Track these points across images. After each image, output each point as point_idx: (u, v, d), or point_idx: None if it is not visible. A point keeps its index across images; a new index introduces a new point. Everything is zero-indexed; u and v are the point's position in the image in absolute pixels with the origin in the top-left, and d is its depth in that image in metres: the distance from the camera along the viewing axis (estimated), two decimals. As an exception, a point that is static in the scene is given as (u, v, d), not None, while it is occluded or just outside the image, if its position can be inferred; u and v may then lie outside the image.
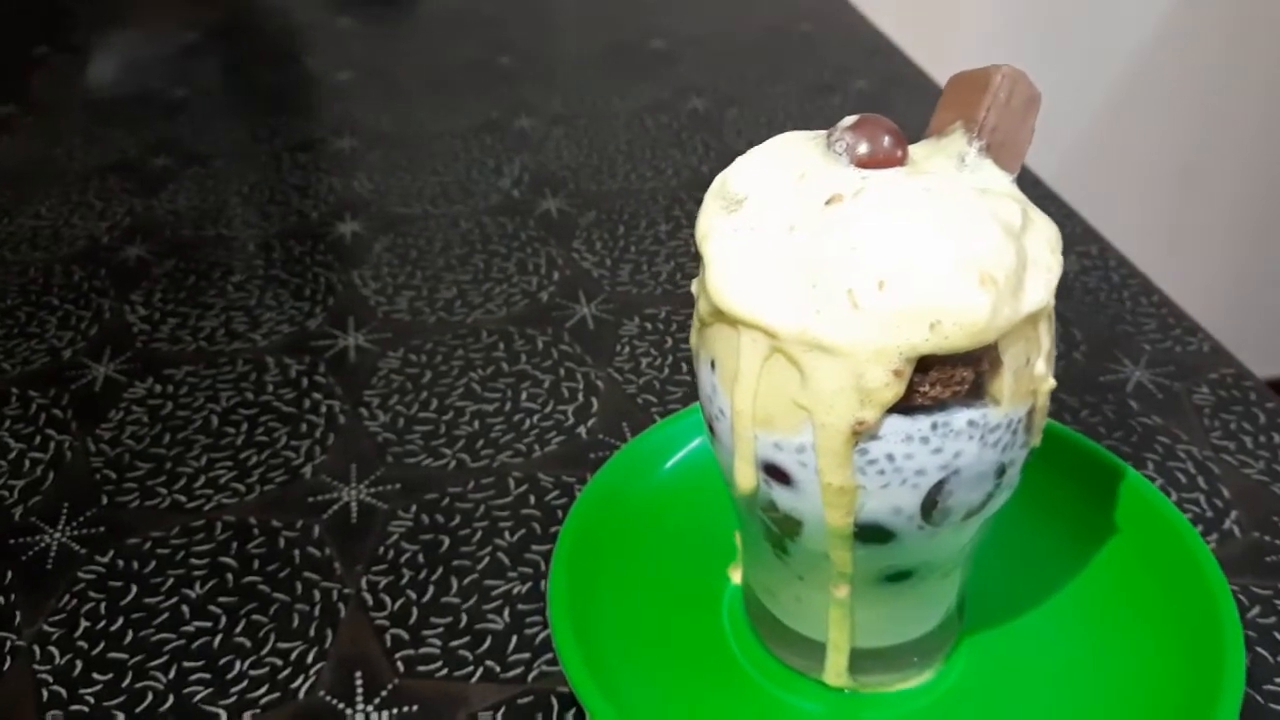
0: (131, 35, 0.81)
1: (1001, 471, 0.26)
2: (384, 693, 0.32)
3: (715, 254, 0.26)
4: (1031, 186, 0.56)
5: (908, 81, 0.68)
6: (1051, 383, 0.26)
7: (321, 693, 0.32)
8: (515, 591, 0.35)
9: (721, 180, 0.27)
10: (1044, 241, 0.26)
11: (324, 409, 0.43)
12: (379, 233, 0.54)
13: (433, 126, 0.65)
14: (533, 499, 0.39)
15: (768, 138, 0.28)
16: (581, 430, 0.42)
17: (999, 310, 0.24)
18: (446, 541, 0.37)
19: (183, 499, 0.39)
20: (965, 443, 0.25)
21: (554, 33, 0.77)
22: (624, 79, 0.70)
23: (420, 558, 0.36)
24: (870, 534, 0.27)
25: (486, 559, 0.36)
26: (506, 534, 0.37)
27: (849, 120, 0.26)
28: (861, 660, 0.31)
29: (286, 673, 0.33)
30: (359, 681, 0.32)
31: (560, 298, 0.49)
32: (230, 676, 0.33)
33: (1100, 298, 0.48)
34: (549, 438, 0.41)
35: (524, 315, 0.48)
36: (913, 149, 0.27)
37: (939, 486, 0.26)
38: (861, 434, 0.25)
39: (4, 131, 0.66)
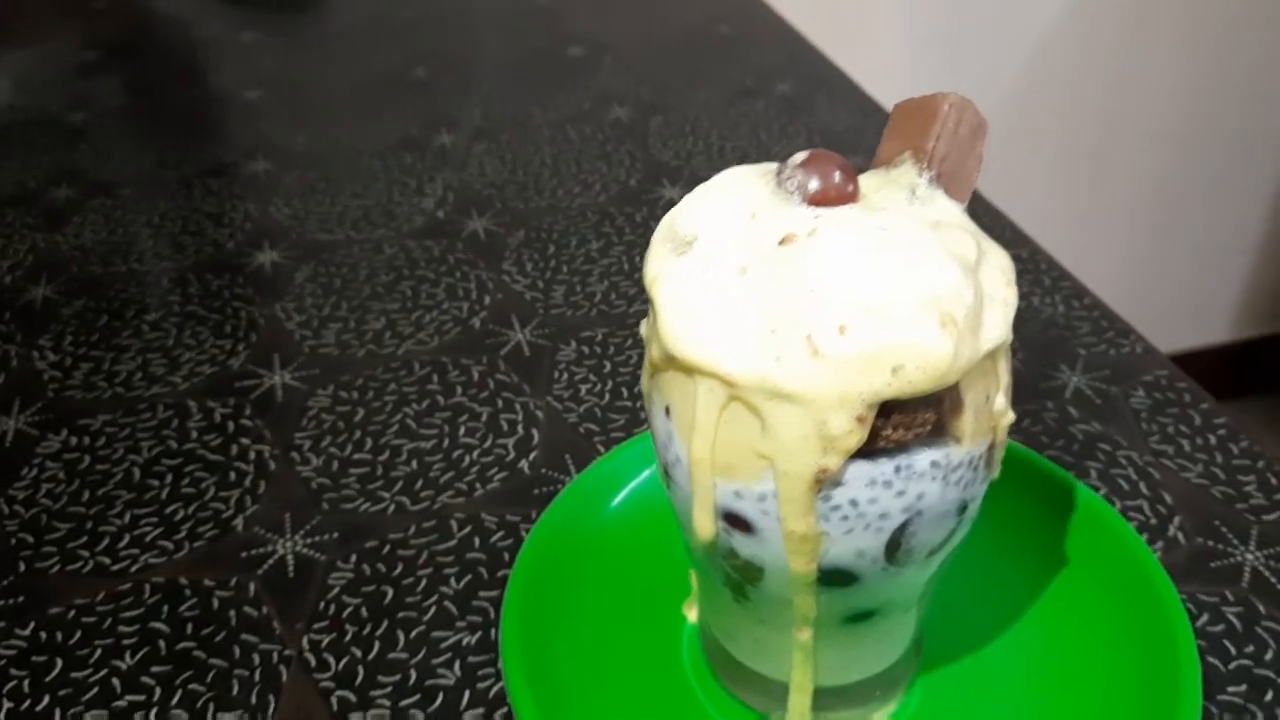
0: (22, 55, 0.77)
1: (963, 508, 0.26)
2: (334, 761, 0.31)
3: (667, 299, 0.25)
4: (958, 189, 0.56)
5: (830, 83, 0.68)
6: (1011, 416, 0.26)
7: (268, 765, 0.31)
8: (465, 643, 0.34)
9: (669, 221, 0.26)
10: (999, 274, 0.25)
11: (253, 455, 0.41)
12: (300, 262, 0.53)
13: (350, 144, 0.63)
14: (477, 541, 0.37)
15: (693, 147, 0.28)
16: (524, 465, 0.40)
17: (960, 351, 0.23)
18: (390, 592, 0.36)
19: (107, 561, 0.37)
20: (928, 484, 0.25)
21: (470, 41, 0.76)
22: (544, 88, 0.68)
23: (363, 611, 0.35)
24: (833, 578, 0.26)
25: (433, 609, 0.35)
26: (452, 580, 0.36)
27: (799, 157, 0.25)
28: (824, 698, 0.30)
29: (229, 746, 0.31)
30: (307, 750, 0.31)
31: (493, 324, 0.48)
32: (169, 754, 0.31)
33: (1034, 302, 0.48)
34: (490, 474, 0.40)
35: (456, 344, 0.47)
36: (863, 180, 0.27)
37: (903, 528, 0.25)
38: (824, 481, 0.24)
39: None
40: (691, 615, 0.34)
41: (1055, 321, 0.47)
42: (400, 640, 0.34)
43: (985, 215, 0.54)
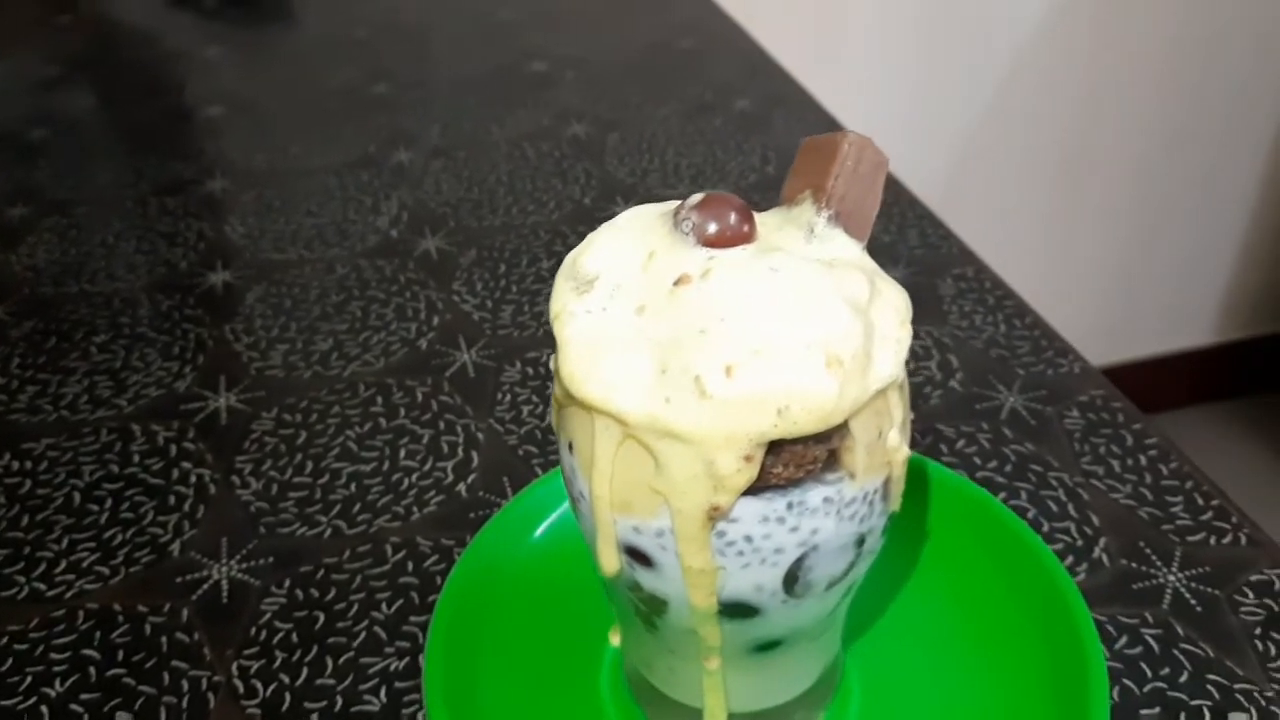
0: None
1: (861, 541, 0.26)
2: (256, 789, 0.31)
3: (566, 337, 0.26)
4: (909, 206, 0.57)
5: (789, 100, 0.69)
6: (906, 452, 0.26)
7: (190, 793, 0.31)
8: (393, 668, 0.34)
9: (572, 260, 0.27)
10: (893, 313, 0.26)
11: (194, 478, 0.42)
12: (252, 282, 0.53)
13: (307, 162, 0.63)
14: (410, 566, 0.38)
15: (649, 164, 0.28)
16: (461, 488, 0.41)
17: (846, 391, 0.24)
18: (322, 618, 0.36)
19: (42, 587, 0.37)
20: (822, 519, 0.25)
21: (431, 57, 0.76)
22: (504, 105, 0.69)
23: (294, 637, 0.35)
24: (735, 610, 0.26)
25: (363, 634, 0.35)
26: (384, 605, 0.36)
27: (695, 198, 0.26)
28: (739, 724, 0.31)
29: (153, 774, 0.32)
30: (230, 778, 0.31)
31: (440, 344, 0.48)
32: (92, 782, 0.31)
33: (976, 321, 0.49)
34: (428, 498, 0.40)
35: (402, 365, 0.47)
36: (764, 219, 0.27)
37: (799, 562, 0.26)
38: (717, 518, 0.24)
39: None
40: (616, 640, 0.34)
41: (996, 341, 0.48)
42: (329, 666, 0.34)
43: (934, 234, 0.55)
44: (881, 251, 0.54)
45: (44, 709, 0.33)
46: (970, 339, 0.48)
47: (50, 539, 0.39)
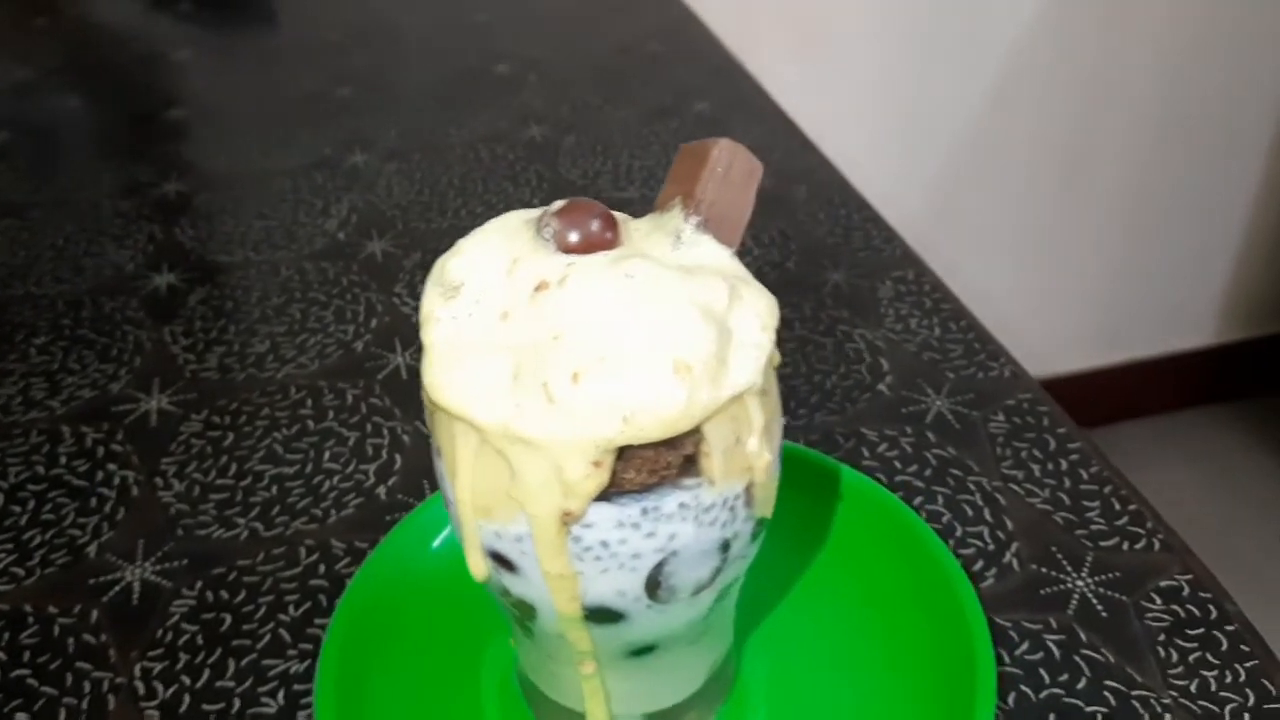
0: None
1: (726, 547, 0.26)
2: (146, 789, 0.31)
3: (430, 342, 0.26)
4: (856, 209, 0.57)
5: (749, 103, 0.69)
6: (767, 458, 0.26)
7: (80, 793, 0.31)
8: (293, 670, 0.35)
9: (440, 265, 0.27)
10: (754, 319, 0.26)
11: (117, 480, 0.42)
12: (196, 284, 0.53)
13: (264, 165, 0.64)
14: (322, 568, 0.38)
15: (601, 166, 0.28)
16: (381, 491, 0.41)
17: (695, 398, 0.24)
18: (229, 619, 0.36)
19: (-43, 588, 0.38)
20: (679, 524, 0.25)
21: (399, 60, 0.76)
22: (466, 108, 0.69)
23: (199, 639, 0.36)
24: (600, 615, 0.26)
25: (268, 637, 0.36)
26: (291, 608, 0.37)
27: (557, 205, 0.26)
28: (624, 728, 0.31)
29: (46, 774, 0.32)
30: (121, 778, 0.32)
31: (375, 347, 0.49)
32: (-14, 782, 0.32)
33: (911, 324, 0.49)
34: (346, 500, 0.41)
35: (336, 368, 0.47)
36: (635, 225, 0.27)
37: (659, 568, 0.26)
38: (569, 523, 0.24)
39: None
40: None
41: (930, 344, 0.48)
42: (230, 668, 0.35)
43: (879, 237, 0.55)
44: (825, 253, 0.54)
45: (-54, 709, 0.34)
46: (904, 342, 0.48)
47: (-30, 540, 0.39)
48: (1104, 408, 1.50)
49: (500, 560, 0.26)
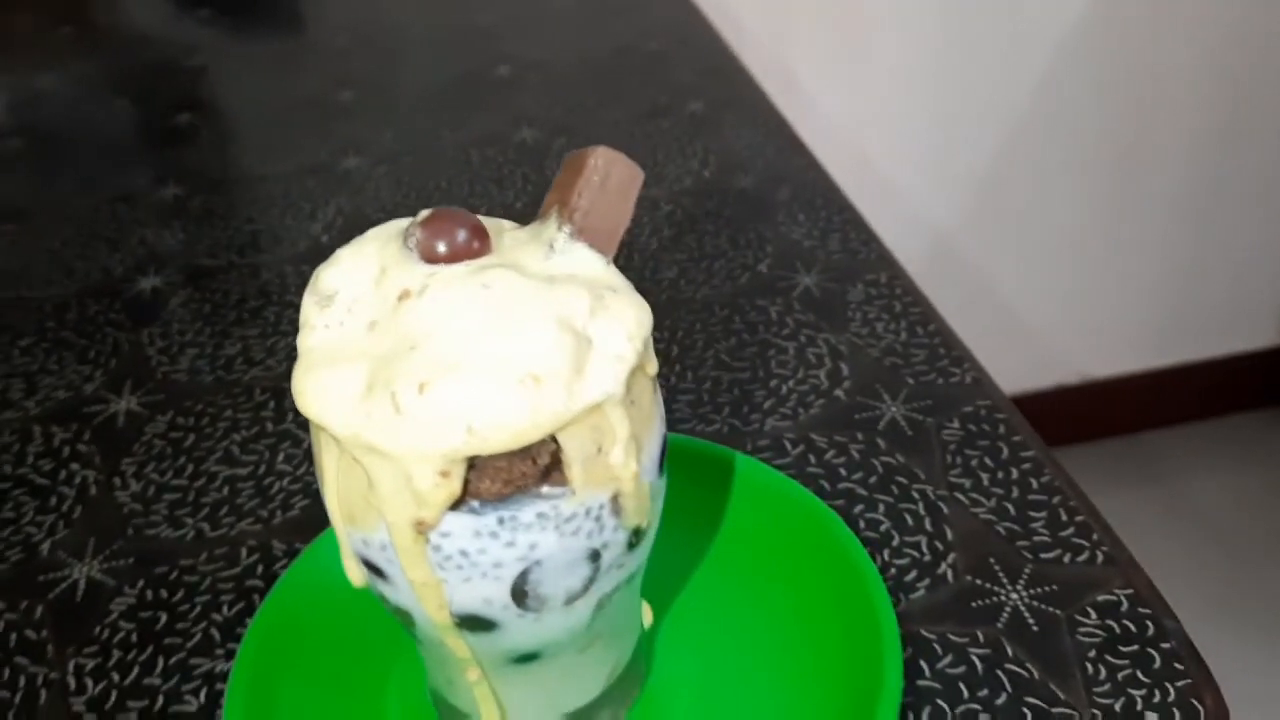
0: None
1: (596, 557, 0.26)
2: (61, 783, 0.32)
3: (301, 350, 0.26)
4: (837, 211, 0.56)
5: (743, 103, 0.68)
6: (633, 469, 0.26)
7: (0, 786, 0.32)
8: (218, 670, 0.35)
9: (316, 274, 0.27)
10: (620, 330, 0.25)
11: (78, 480, 0.43)
12: (179, 287, 0.54)
13: (260, 169, 0.65)
14: (261, 569, 0.39)
15: None
16: (327, 492, 0.41)
17: (543, 408, 0.24)
18: (164, 618, 0.37)
19: (-87, 582, 0.39)
20: (539, 534, 0.25)
21: (402, 63, 0.77)
22: (462, 110, 0.69)
23: (134, 636, 0.36)
24: (472, 624, 0.27)
25: (199, 636, 0.36)
26: (225, 608, 0.37)
27: (424, 214, 0.26)
28: (524, 735, 0.31)
29: (-30, 766, 0.33)
30: (41, 772, 0.32)
31: (343, 350, 0.49)
32: (-86, 772, 0.33)
33: (878, 329, 0.48)
34: (293, 501, 0.41)
35: (301, 370, 0.48)
36: (513, 235, 0.27)
37: (524, 576, 0.26)
38: (424, 532, 0.25)
39: None
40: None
41: (894, 349, 0.47)
42: (159, 665, 0.35)
43: (856, 239, 0.54)
44: (800, 256, 0.53)
45: (-113, 700, 0.35)
46: (867, 347, 0.47)
47: (-68, 536, 0.41)
48: (1157, 411, 1.47)
49: (372, 568, 0.27)
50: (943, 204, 1.26)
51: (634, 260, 0.54)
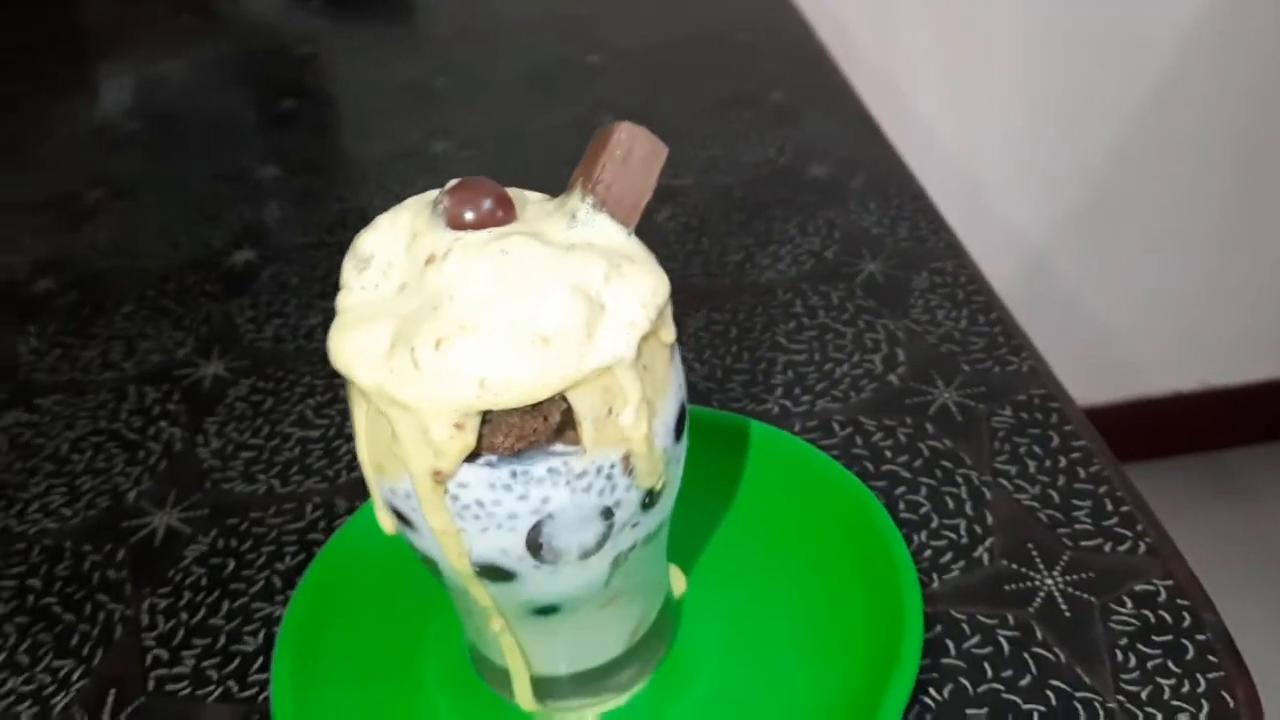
0: (113, 65, 0.86)
1: (608, 514, 0.28)
2: (128, 710, 0.35)
3: (339, 310, 0.28)
4: (910, 200, 0.56)
5: (825, 95, 0.68)
6: (643, 430, 0.27)
7: (74, 709, 0.35)
8: (276, 614, 0.37)
9: (355, 240, 0.29)
10: (634, 297, 0.27)
11: (165, 436, 0.46)
12: (269, 261, 0.57)
13: (354, 152, 0.68)
14: (323, 524, 0.41)
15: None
16: (389, 456, 0.44)
17: (552, 367, 0.25)
18: (232, 565, 0.40)
19: (14, 522, 0.42)
20: (551, 489, 0.26)
21: (497, 52, 0.79)
22: (550, 97, 0.71)
23: (203, 580, 0.39)
24: (492, 573, 0.28)
25: (261, 582, 0.39)
26: (287, 558, 0.40)
27: (452, 184, 0.28)
28: (547, 686, 0.32)
29: (50, 688, 0.36)
30: (111, 697, 0.35)
31: (417, 323, 0.51)
32: (1, 691, 0.36)
33: (938, 316, 0.48)
34: (357, 464, 0.43)
35: (376, 341, 0.50)
36: (537, 206, 0.29)
37: (537, 529, 0.27)
38: (442, 481, 0.26)
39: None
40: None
41: (952, 336, 0.47)
42: (223, 608, 0.38)
43: (926, 228, 0.54)
44: (868, 243, 0.53)
45: (-17, 627, 0.38)
46: (925, 333, 0.47)
47: (33, 481, 0.44)
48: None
49: (401, 517, 0.28)
50: (1048, 205, 1.24)
51: (702, 244, 0.55)
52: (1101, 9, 1.11)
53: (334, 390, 0.48)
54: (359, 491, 0.42)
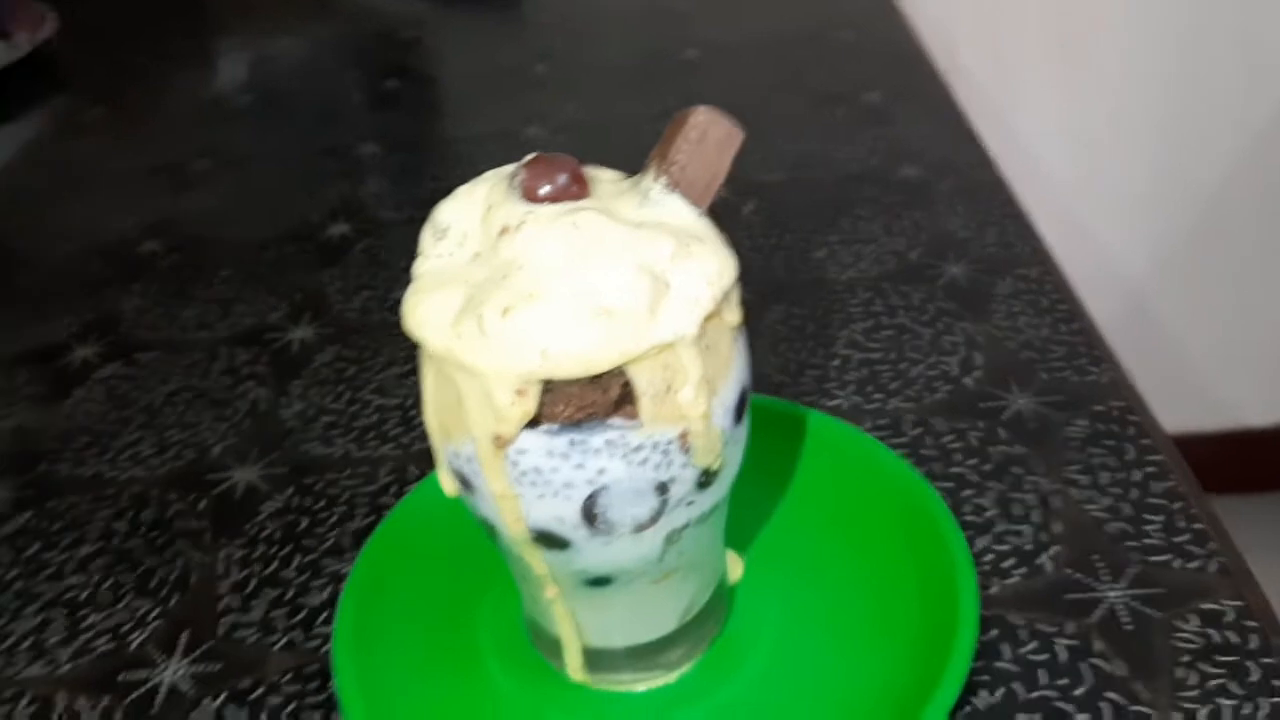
0: (231, 41, 0.89)
1: (663, 489, 0.28)
2: (198, 651, 0.36)
3: (414, 276, 0.29)
4: (999, 206, 0.55)
5: (922, 97, 0.68)
6: (702, 408, 0.27)
7: (149, 647, 0.37)
8: (343, 571, 0.39)
9: (435, 210, 0.30)
10: (700, 276, 0.27)
11: (251, 396, 0.48)
12: (363, 235, 0.59)
13: (450, 133, 0.69)
14: (394, 488, 0.42)
15: (753, 148, 0.31)
16: (463, 428, 0.45)
17: (613, 340, 0.25)
18: (305, 522, 0.41)
19: (106, 468, 0.44)
20: (607, 460, 0.27)
21: (597, 42, 0.80)
22: (644, 88, 0.72)
23: (277, 535, 0.41)
24: (547, 540, 0.29)
25: (331, 540, 0.40)
26: (358, 518, 0.41)
27: (529, 158, 0.28)
28: (597, 658, 0.33)
29: (127, 627, 0.38)
30: (183, 638, 0.37)
31: (499, 302, 0.52)
32: (82, 626, 0.38)
33: (1019, 322, 0.47)
34: (431, 433, 0.45)
35: (459, 317, 0.51)
36: (611, 184, 0.29)
37: (593, 499, 0.27)
38: (503, 446, 0.27)
39: (84, 132, 0.74)
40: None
41: (1032, 343, 0.46)
42: (294, 562, 0.39)
43: (1013, 233, 0.53)
44: (953, 246, 0.53)
45: (70, 566, 0.40)
46: (1005, 339, 0.47)
47: (126, 431, 0.46)
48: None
49: (462, 480, 0.29)
50: (1148, 228, 1.20)
51: (786, 239, 0.55)
52: (1215, 37, 1.08)
53: (413, 362, 0.49)
54: (430, 460, 0.43)
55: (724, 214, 0.30)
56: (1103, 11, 1.07)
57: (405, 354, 0.49)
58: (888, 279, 0.51)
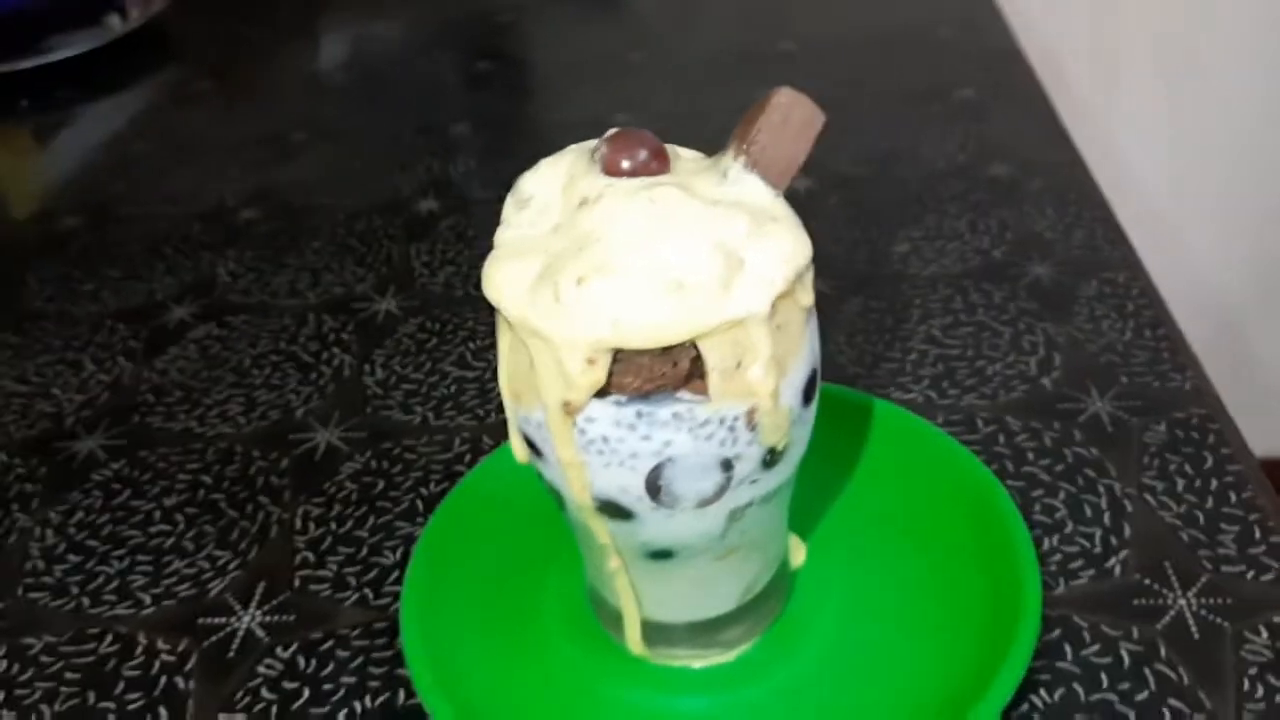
0: (335, 19, 0.91)
1: (728, 466, 0.28)
2: (273, 602, 0.38)
3: (496, 243, 0.29)
4: (1091, 209, 0.55)
5: (1017, 94, 0.67)
6: (770, 386, 0.27)
7: (227, 595, 0.38)
8: (415, 534, 0.40)
9: (518, 181, 0.30)
10: (775, 256, 0.27)
11: (336, 362, 0.49)
12: (450, 212, 0.60)
13: (540, 116, 0.70)
14: (469, 458, 0.43)
15: (840, 143, 0.31)
16: (537, 402, 0.45)
17: (683, 314, 0.26)
18: (381, 485, 0.42)
19: (195, 424, 0.46)
20: (674, 433, 0.27)
21: (694, 31, 0.80)
22: (737, 79, 0.72)
23: (354, 495, 0.42)
24: (611, 510, 0.29)
25: (406, 503, 0.41)
26: (432, 484, 0.42)
27: (611, 132, 0.29)
28: (657, 632, 0.33)
29: (208, 574, 0.39)
30: (260, 589, 0.38)
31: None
32: (167, 571, 0.39)
33: (1103, 325, 0.47)
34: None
35: (539, 295, 0.52)
36: (691, 162, 0.30)
37: (657, 471, 0.28)
38: (572, 414, 0.27)
39: (192, 102, 0.77)
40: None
41: (1114, 347, 0.45)
42: (369, 522, 0.41)
43: (1102, 236, 0.52)
44: (1038, 246, 0.52)
45: (158, 514, 0.42)
46: (1086, 341, 0.46)
47: (216, 389, 0.48)
48: None
49: (532, 446, 0.30)
50: (1258, 243, 1.16)
51: (870, 232, 0.55)
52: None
53: (493, 337, 0.50)
54: (504, 431, 0.44)
55: (808, 205, 0.30)
56: (1209, 19, 1.04)
57: (485, 329, 0.50)
58: (969, 276, 0.51)
